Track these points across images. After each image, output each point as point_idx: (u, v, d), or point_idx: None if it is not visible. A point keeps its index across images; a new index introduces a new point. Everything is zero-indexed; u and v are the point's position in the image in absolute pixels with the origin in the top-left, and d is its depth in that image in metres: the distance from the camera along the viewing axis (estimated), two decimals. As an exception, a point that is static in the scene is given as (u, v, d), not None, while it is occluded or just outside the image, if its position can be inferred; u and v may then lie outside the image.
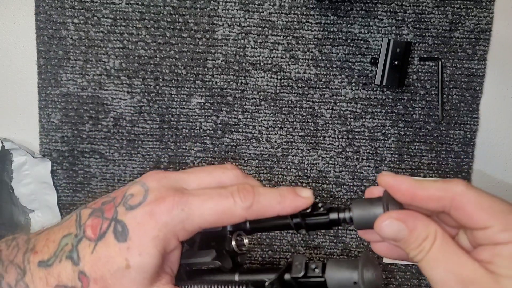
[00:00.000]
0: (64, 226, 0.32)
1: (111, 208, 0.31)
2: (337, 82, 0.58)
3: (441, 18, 0.56)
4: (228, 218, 0.31)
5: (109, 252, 0.30)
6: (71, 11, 0.57)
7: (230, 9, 0.56)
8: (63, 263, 0.30)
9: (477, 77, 0.57)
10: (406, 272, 0.61)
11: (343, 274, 0.31)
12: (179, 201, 0.30)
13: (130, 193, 0.31)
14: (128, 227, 0.30)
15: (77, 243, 0.30)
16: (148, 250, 0.30)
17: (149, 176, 0.32)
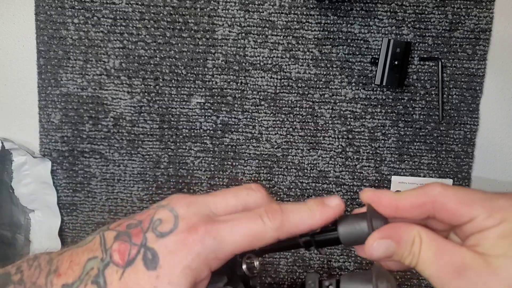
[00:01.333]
0: (89, 248, 0.31)
1: (139, 233, 0.31)
2: (337, 82, 0.58)
3: (441, 18, 0.56)
4: (260, 241, 0.31)
5: (138, 280, 0.29)
6: (71, 11, 0.57)
7: (230, 9, 0.56)
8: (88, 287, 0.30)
9: (477, 77, 0.57)
10: (406, 272, 0.61)
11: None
12: (210, 230, 0.30)
13: (158, 218, 0.31)
14: (159, 255, 0.30)
15: (103, 268, 0.30)
16: (179, 280, 0.29)
17: (176, 201, 0.32)
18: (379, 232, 0.30)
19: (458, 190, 0.30)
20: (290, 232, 0.32)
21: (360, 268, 0.61)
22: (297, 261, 0.61)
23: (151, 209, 0.32)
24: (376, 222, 0.31)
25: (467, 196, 0.30)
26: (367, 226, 0.31)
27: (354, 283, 0.32)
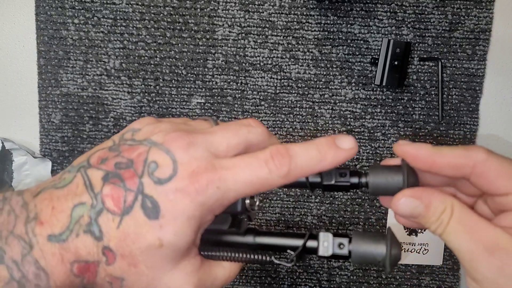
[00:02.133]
0: (72, 191, 0.28)
1: (133, 177, 0.28)
2: (337, 82, 0.58)
3: (441, 19, 0.56)
4: (265, 188, 0.30)
5: (139, 229, 0.28)
6: (71, 11, 0.57)
7: (230, 9, 0.56)
8: (81, 237, 0.27)
9: (477, 77, 0.57)
10: (406, 272, 0.61)
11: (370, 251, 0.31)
12: (213, 179, 0.28)
13: (152, 160, 0.28)
14: (160, 204, 0.28)
15: (96, 215, 0.28)
16: (183, 230, 0.28)
17: (172, 141, 0.29)
18: (411, 190, 0.30)
19: (503, 161, 0.30)
20: (297, 177, 0.30)
21: (360, 268, 0.61)
22: (297, 261, 0.61)
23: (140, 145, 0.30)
24: (411, 178, 0.31)
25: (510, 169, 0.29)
26: (403, 180, 0.31)
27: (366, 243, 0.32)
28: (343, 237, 0.32)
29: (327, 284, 0.61)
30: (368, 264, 0.33)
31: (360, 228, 0.60)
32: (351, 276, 0.61)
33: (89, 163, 0.30)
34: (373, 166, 0.32)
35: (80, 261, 0.27)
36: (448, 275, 0.61)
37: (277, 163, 0.29)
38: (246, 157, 0.30)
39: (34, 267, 0.27)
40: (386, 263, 0.31)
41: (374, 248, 0.31)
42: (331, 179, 0.32)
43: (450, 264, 0.60)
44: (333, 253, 0.32)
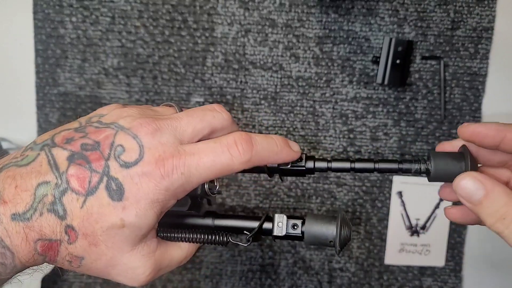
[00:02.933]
0: (35, 170, 0.28)
1: (100, 159, 0.29)
2: (338, 81, 0.57)
3: (443, 17, 0.56)
4: (226, 172, 0.31)
5: (102, 210, 0.28)
6: (69, 9, 0.56)
7: (229, 7, 0.56)
8: (45, 216, 0.28)
9: (479, 76, 0.57)
10: (408, 273, 0.60)
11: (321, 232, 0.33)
12: (178, 164, 0.29)
13: (119, 144, 0.29)
14: (124, 186, 0.29)
15: (60, 194, 0.28)
16: (146, 212, 0.29)
17: (139, 127, 0.30)
18: (477, 173, 0.30)
19: None
20: (255, 164, 0.32)
21: (361, 269, 0.60)
22: (297, 262, 0.60)
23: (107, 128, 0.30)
24: (473, 164, 0.31)
25: None
26: (465, 165, 0.31)
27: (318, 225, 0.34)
28: (297, 219, 0.35)
29: (328, 285, 0.60)
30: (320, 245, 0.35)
31: (361, 229, 0.59)
32: (352, 277, 0.60)
33: (53, 141, 0.30)
34: (434, 153, 0.32)
35: (44, 239, 0.28)
36: (450, 276, 0.60)
37: (240, 149, 0.31)
38: (210, 142, 0.31)
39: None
40: (336, 243, 0.33)
41: (326, 229, 0.33)
42: (287, 164, 0.34)
43: (452, 265, 0.60)
44: (286, 233, 0.34)
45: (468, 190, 0.30)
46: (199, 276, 0.61)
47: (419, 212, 0.59)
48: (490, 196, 0.29)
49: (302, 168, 0.34)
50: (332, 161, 0.34)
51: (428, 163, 0.33)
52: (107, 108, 0.33)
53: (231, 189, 0.59)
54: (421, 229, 0.59)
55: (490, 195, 0.29)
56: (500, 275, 0.61)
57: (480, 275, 0.61)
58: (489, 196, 0.29)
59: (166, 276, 0.61)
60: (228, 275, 0.61)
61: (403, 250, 0.59)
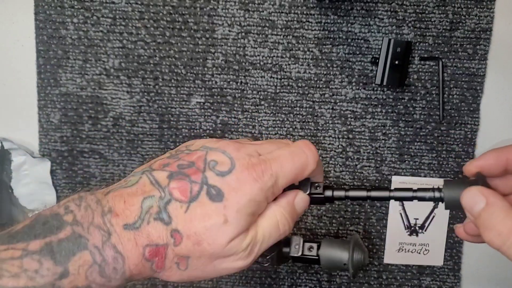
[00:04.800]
0: (140, 189, 0.32)
1: (197, 173, 0.32)
2: (337, 82, 0.57)
3: (441, 18, 0.56)
4: (304, 172, 0.35)
5: (205, 211, 0.31)
6: (70, 10, 0.56)
7: (230, 8, 0.56)
8: (152, 224, 0.31)
9: (478, 76, 0.57)
10: (406, 272, 0.61)
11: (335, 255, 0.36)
12: (265, 167, 0.33)
13: (212, 159, 0.33)
14: (223, 191, 0.32)
15: (164, 205, 0.31)
16: (245, 210, 0.32)
17: (225, 145, 0.34)
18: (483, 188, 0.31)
19: None
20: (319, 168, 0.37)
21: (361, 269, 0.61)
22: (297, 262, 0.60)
23: (196, 151, 0.34)
24: None
25: None
26: None
27: (333, 248, 0.37)
28: (313, 242, 0.38)
29: (327, 284, 0.61)
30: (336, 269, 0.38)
31: (360, 229, 0.60)
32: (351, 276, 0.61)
33: (151, 168, 0.34)
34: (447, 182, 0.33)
35: (152, 244, 0.31)
36: (449, 275, 0.60)
37: (312, 149, 0.35)
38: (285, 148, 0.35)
39: (113, 251, 0.30)
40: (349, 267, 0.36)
41: (340, 253, 0.36)
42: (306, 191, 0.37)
43: (451, 265, 0.60)
44: (302, 254, 0.37)
45: (471, 202, 0.31)
46: (199, 275, 0.61)
47: (418, 211, 0.59)
48: (489, 209, 0.29)
49: (321, 196, 0.37)
50: (349, 190, 0.36)
51: (442, 192, 0.33)
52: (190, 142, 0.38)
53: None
54: (420, 229, 0.59)
55: (490, 209, 0.29)
56: (499, 274, 0.61)
57: (478, 274, 0.61)
58: (488, 209, 0.29)
59: (166, 275, 0.61)
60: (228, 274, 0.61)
61: (402, 249, 0.60)
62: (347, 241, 0.36)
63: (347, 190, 0.36)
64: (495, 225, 0.29)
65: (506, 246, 0.29)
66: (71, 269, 0.29)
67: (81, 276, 0.29)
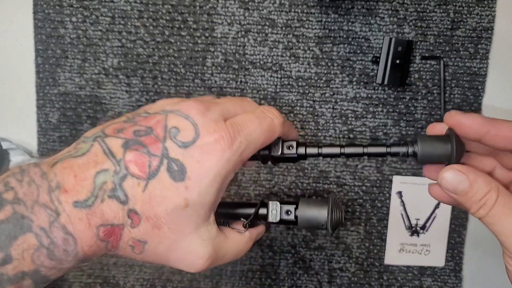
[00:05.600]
0: (91, 160, 0.29)
1: (156, 143, 0.29)
2: (338, 81, 0.57)
3: (442, 17, 0.56)
4: (271, 137, 0.34)
5: (164, 192, 0.29)
6: (69, 9, 0.56)
7: (229, 7, 0.56)
8: (106, 202, 0.28)
9: (479, 76, 0.57)
10: (407, 273, 0.60)
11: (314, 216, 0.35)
12: (234, 134, 0.30)
13: (173, 126, 0.30)
14: (186, 166, 0.29)
15: (120, 181, 0.28)
16: (208, 189, 0.30)
17: (190, 108, 0.31)
18: (459, 165, 0.31)
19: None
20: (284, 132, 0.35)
21: (361, 269, 0.60)
22: (297, 262, 0.60)
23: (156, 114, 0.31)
24: (459, 146, 0.32)
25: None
26: (451, 149, 0.32)
27: (311, 209, 0.35)
28: (290, 204, 0.36)
29: (328, 285, 0.60)
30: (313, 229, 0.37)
31: (361, 229, 0.59)
32: (352, 277, 0.60)
33: (104, 133, 0.30)
34: (421, 137, 0.33)
35: (106, 224, 0.28)
36: (450, 276, 0.60)
37: (275, 112, 0.34)
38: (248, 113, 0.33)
39: (62, 233, 0.27)
40: (328, 227, 0.35)
41: (318, 213, 0.35)
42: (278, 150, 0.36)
43: (452, 265, 0.60)
44: (281, 219, 0.36)
45: (453, 183, 0.31)
46: (199, 276, 0.61)
47: (419, 212, 0.59)
48: (474, 187, 0.30)
49: (294, 155, 0.36)
50: (322, 147, 0.35)
51: (415, 146, 0.33)
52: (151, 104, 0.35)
53: (231, 189, 0.59)
54: (421, 229, 0.59)
55: (474, 186, 0.30)
56: (500, 275, 0.61)
57: (480, 275, 0.61)
58: (472, 187, 0.30)
59: (166, 276, 0.61)
60: (228, 275, 0.61)
61: (403, 250, 0.59)
62: (324, 201, 0.35)
63: (320, 147, 0.35)
64: (480, 200, 0.30)
65: (488, 216, 0.30)
66: (14, 254, 0.26)
67: (26, 260, 0.26)
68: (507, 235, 0.29)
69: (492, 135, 0.31)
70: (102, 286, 0.61)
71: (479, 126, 0.31)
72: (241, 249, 0.35)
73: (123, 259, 0.60)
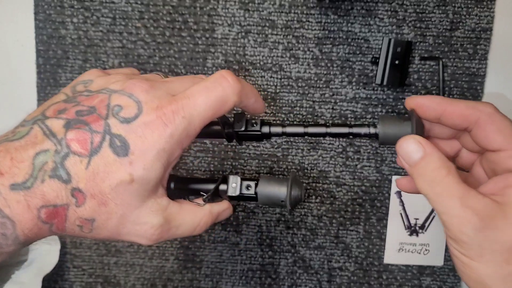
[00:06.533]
0: (30, 141, 0.28)
1: (98, 120, 0.29)
2: (337, 82, 0.57)
3: (442, 18, 0.56)
4: (223, 107, 0.32)
5: (108, 168, 0.28)
6: (70, 10, 0.56)
7: (230, 8, 0.56)
8: (47, 182, 0.27)
9: (478, 76, 0.57)
10: (407, 272, 0.60)
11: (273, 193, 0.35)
12: (177, 109, 0.30)
13: (116, 104, 0.29)
14: (129, 141, 0.28)
15: (61, 160, 0.27)
16: (153, 164, 0.29)
17: (133, 87, 0.30)
18: (420, 137, 0.31)
19: (506, 121, 0.31)
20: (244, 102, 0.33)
21: (361, 268, 0.61)
22: (297, 261, 0.60)
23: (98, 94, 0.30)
24: (419, 126, 0.32)
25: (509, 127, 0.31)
26: (411, 128, 0.32)
27: (271, 186, 0.36)
28: (251, 180, 0.36)
29: (327, 285, 0.61)
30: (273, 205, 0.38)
31: (361, 229, 0.60)
32: (351, 276, 0.61)
33: (45, 115, 0.29)
34: (382, 116, 0.34)
35: (48, 205, 0.27)
36: (449, 275, 0.60)
37: (230, 80, 0.32)
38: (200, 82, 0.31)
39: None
40: (286, 203, 0.35)
41: (278, 190, 0.35)
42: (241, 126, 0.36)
43: (451, 265, 0.60)
44: (240, 193, 0.36)
45: (408, 151, 0.31)
46: (199, 275, 0.61)
47: (418, 211, 0.59)
48: (426, 159, 0.30)
49: (257, 132, 0.36)
50: (287, 126, 0.36)
51: (377, 127, 0.34)
52: (88, 74, 0.33)
53: (231, 189, 0.59)
54: (420, 229, 0.59)
55: (427, 158, 0.30)
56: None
57: (478, 274, 0.61)
58: (425, 159, 0.30)
59: (166, 275, 0.61)
60: (228, 274, 0.61)
61: (402, 249, 0.60)
62: (285, 179, 0.36)
63: (284, 126, 0.36)
64: (429, 173, 0.30)
65: (433, 193, 0.30)
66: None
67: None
68: (449, 216, 0.29)
69: (450, 113, 0.32)
70: (103, 286, 0.61)
71: (437, 105, 0.32)
72: (199, 222, 0.34)
73: (124, 259, 0.61)
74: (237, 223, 0.60)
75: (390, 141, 0.33)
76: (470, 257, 0.29)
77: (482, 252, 0.29)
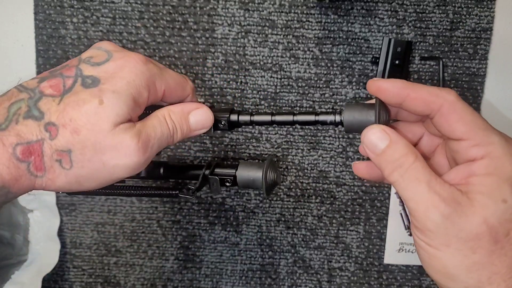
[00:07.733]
0: (7, 97, 0.30)
1: (70, 68, 0.31)
2: (337, 82, 0.57)
3: (442, 17, 0.56)
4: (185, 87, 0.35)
5: (79, 97, 0.29)
6: (70, 10, 0.56)
7: (229, 8, 0.56)
8: (21, 123, 0.28)
9: (478, 76, 0.57)
10: (407, 272, 0.60)
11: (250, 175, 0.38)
12: (147, 59, 0.32)
13: (88, 56, 0.32)
14: (100, 78, 0.30)
15: (35, 103, 0.29)
16: (122, 90, 0.30)
17: (100, 44, 0.33)
18: (385, 126, 0.31)
19: (467, 108, 0.31)
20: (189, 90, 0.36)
21: (361, 269, 0.61)
22: (297, 261, 0.60)
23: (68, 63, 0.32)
24: (383, 113, 0.32)
25: (470, 117, 0.30)
26: (375, 115, 0.32)
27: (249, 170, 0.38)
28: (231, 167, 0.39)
29: (327, 285, 0.61)
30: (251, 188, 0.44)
31: (361, 229, 0.60)
32: (351, 276, 0.61)
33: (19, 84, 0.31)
34: (348, 104, 0.34)
35: (23, 142, 0.28)
36: (449, 275, 0.60)
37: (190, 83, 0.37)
38: None
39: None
40: (263, 187, 0.37)
41: (254, 174, 0.38)
42: None
43: (451, 265, 0.60)
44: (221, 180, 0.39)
45: (374, 140, 0.31)
46: (199, 275, 0.61)
47: (418, 212, 0.59)
48: (392, 147, 0.30)
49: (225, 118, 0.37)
50: (255, 114, 0.37)
51: (342, 116, 0.34)
52: None
53: (232, 189, 0.59)
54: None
55: (393, 146, 0.30)
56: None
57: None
58: (392, 146, 0.30)
59: (166, 275, 0.61)
60: (228, 274, 0.61)
61: (402, 249, 0.60)
62: (262, 163, 0.38)
63: (252, 114, 0.37)
64: (397, 160, 0.30)
65: (402, 179, 0.30)
66: None
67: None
68: (416, 202, 0.29)
69: (412, 99, 0.31)
70: (103, 286, 0.61)
71: (399, 90, 0.31)
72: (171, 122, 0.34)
73: (124, 259, 0.61)
74: (237, 223, 0.60)
75: (355, 129, 0.33)
76: (435, 247, 0.29)
77: (448, 241, 0.29)
